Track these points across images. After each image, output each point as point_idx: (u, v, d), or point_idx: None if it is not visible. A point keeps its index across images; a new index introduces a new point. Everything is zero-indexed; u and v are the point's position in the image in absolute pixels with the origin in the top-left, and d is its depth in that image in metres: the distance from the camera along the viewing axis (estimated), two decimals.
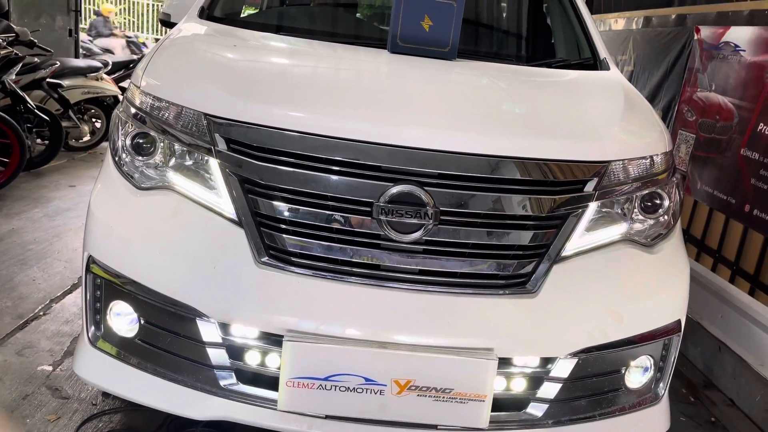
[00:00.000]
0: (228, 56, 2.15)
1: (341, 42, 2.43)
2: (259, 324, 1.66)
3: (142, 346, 1.78)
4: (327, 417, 1.67)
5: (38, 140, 5.24)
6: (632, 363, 1.86)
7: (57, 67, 5.45)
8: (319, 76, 2.09)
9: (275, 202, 1.68)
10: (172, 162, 1.79)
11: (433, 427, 1.68)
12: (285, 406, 1.64)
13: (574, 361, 1.74)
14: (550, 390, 1.75)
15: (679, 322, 1.87)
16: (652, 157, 1.89)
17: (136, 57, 7.25)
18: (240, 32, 2.44)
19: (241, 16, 2.98)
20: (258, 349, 1.69)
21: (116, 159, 1.86)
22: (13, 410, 2.22)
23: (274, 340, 1.65)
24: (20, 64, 4.95)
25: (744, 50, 3.10)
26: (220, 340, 1.69)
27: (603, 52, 2.64)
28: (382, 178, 1.66)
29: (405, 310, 1.65)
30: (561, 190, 1.75)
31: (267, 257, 1.67)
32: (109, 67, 6.28)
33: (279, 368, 1.63)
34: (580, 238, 1.77)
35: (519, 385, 1.74)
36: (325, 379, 1.61)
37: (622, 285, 1.81)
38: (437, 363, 1.61)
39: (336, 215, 1.66)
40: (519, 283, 1.71)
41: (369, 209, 1.66)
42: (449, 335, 1.64)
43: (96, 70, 6.00)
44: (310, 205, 1.67)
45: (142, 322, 1.77)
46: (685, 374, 3.02)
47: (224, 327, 1.68)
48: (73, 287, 3.21)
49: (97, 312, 1.82)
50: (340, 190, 1.66)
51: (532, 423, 1.75)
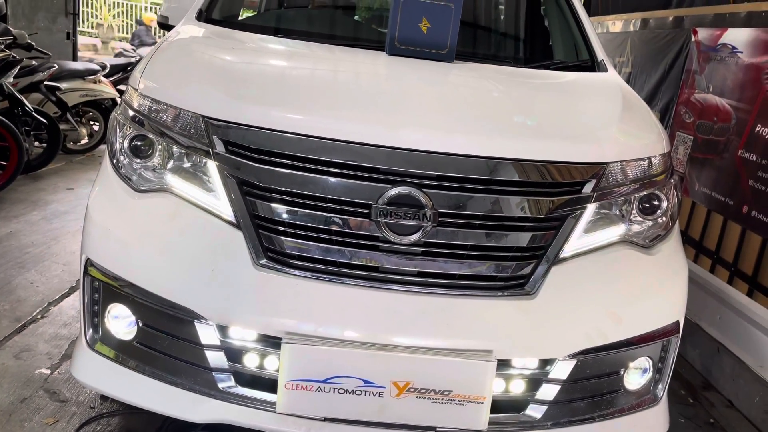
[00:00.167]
0: (226, 59, 2.15)
1: (339, 44, 2.44)
2: (257, 326, 1.65)
3: (141, 349, 1.77)
4: (326, 419, 1.67)
5: (36, 143, 5.23)
6: (631, 364, 1.86)
7: (55, 70, 5.45)
8: (317, 79, 2.09)
9: (273, 204, 1.67)
10: (170, 164, 1.79)
11: (432, 429, 1.68)
12: (284, 409, 1.64)
13: (573, 363, 1.74)
14: (549, 392, 1.75)
15: (678, 323, 1.88)
16: (650, 158, 1.89)
17: (133, 60, 7.23)
18: (238, 35, 2.44)
19: (239, 18, 2.98)
20: (256, 352, 1.69)
21: (114, 162, 1.86)
22: (11, 413, 2.22)
23: (272, 343, 1.65)
24: (18, 67, 4.95)
25: (741, 52, 3.10)
26: (219, 343, 1.69)
27: (601, 54, 2.64)
28: (381, 180, 1.66)
29: (404, 312, 1.65)
30: (559, 191, 1.75)
31: (265, 259, 1.67)
32: (107, 70, 6.27)
33: (277, 370, 1.63)
34: (579, 240, 1.77)
35: (518, 387, 1.74)
36: (324, 382, 1.61)
37: (620, 286, 1.81)
38: (436, 365, 1.61)
39: (334, 217, 1.66)
40: (517, 285, 1.71)
41: (367, 211, 1.66)
42: (448, 337, 1.64)
43: (94, 72, 6.00)
44: (309, 207, 1.67)
45: (140, 325, 1.77)
46: (683, 375, 3.02)
47: (222, 329, 1.68)
48: (71, 290, 3.21)
49: (95, 315, 1.82)
50: (338, 192, 1.66)
51: (531, 425, 1.75)
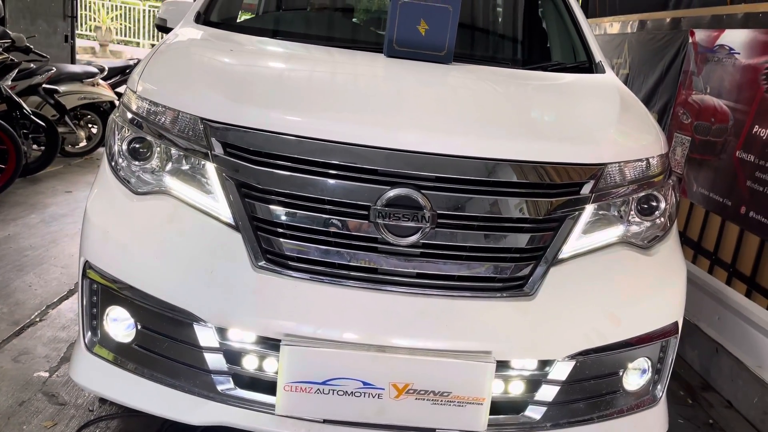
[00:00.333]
0: (224, 61, 2.15)
1: (338, 46, 2.44)
2: (256, 328, 1.65)
3: (139, 352, 1.77)
4: (325, 421, 1.67)
5: (34, 146, 5.23)
6: (630, 365, 1.86)
7: (53, 73, 5.45)
8: (315, 80, 2.09)
9: (272, 206, 1.67)
10: (169, 167, 1.79)
11: (432, 431, 1.68)
12: (283, 411, 1.64)
13: (572, 364, 1.74)
14: (548, 393, 1.75)
15: (677, 324, 1.88)
16: (648, 159, 1.89)
17: (132, 62, 7.23)
18: (236, 37, 2.44)
19: (238, 21, 2.98)
20: (255, 354, 1.69)
21: (113, 164, 1.86)
22: (10, 417, 2.21)
23: (271, 345, 1.65)
24: (16, 70, 4.95)
25: (738, 53, 3.11)
26: (218, 345, 1.68)
27: (598, 56, 2.65)
28: (379, 182, 1.66)
29: (403, 313, 1.65)
30: (558, 192, 1.75)
31: (264, 261, 1.67)
32: (105, 73, 6.27)
33: (276, 372, 1.63)
34: (577, 241, 1.77)
35: (517, 388, 1.74)
36: (323, 383, 1.61)
37: (619, 287, 1.81)
38: (435, 366, 1.61)
39: (333, 219, 1.66)
40: (516, 286, 1.71)
41: (366, 213, 1.66)
42: (447, 338, 1.64)
43: (92, 75, 6.00)
44: (307, 209, 1.67)
45: (139, 328, 1.77)
46: (682, 376, 3.02)
47: (221, 332, 1.68)
48: (70, 293, 3.20)
49: (93, 317, 1.82)
50: (337, 194, 1.66)
51: (531, 426, 1.75)
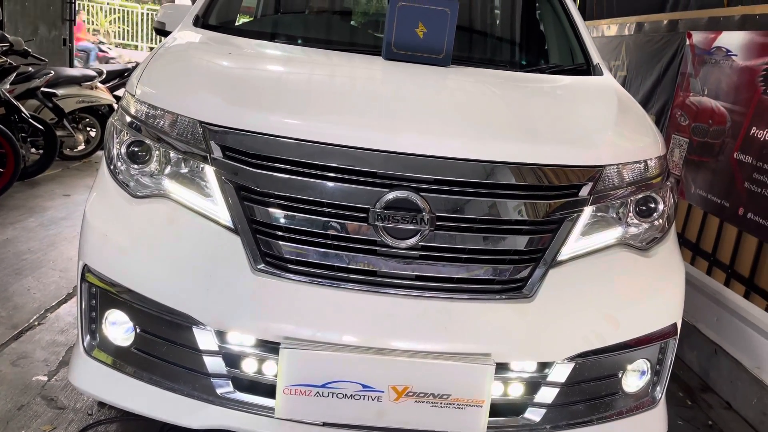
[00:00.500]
0: (223, 64, 2.15)
1: (336, 49, 2.44)
2: (255, 331, 1.65)
3: (138, 355, 1.77)
4: (324, 424, 1.67)
5: (33, 149, 5.23)
6: (629, 367, 1.86)
7: (51, 77, 5.45)
8: (314, 83, 2.09)
9: (271, 209, 1.68)
10: (168, 170, 1.79)
11: None
12: (282, 414, 1.64)
13: (571, 366, 1.74)
14: (547, 395, 1.75)
15: (675, 325, 1.88)
16: (646, 161, 1.90)
17: (130, 66, 7.24)
18: (235, 40, 2.45)
19: (236, 24, 2.98)
20: (255, 357, 1.68)
21: (111, 168, 1.86)
22: (9, 421, 2.21)
23: (270, 348, 1.65)
24: (14, 74, 4.95)
25: (736, 55, 3.12)
26: (217, 348, 1.68)
27: (596, 58, 2.66)
28: (378, 184, 1.66)
29: (402, 316, 1.65)
30: (556, 194, 1.75)
31: (263, 264, 1.67)
32: (104, 76, 6.27)
33: (276, 376, 1.63)
34: (576, 243, 1.78)
35: (516, 390, 1.74)
36: (323, 386, 1.61)
37: (617, 289, 1.81)
38: (434, 369, 1.61)
39: (332, 222, 1.67)
40: (515, 288, 1.72)
41: (365, 215, 1.66)
42: (446, 341, 1.64)
43: (90, 79, 6.00)
44: (306, 212, 1.67)
45: (138, 331, 1.77)
46: (681, 378, 3.02)
47: (221, 335, 1.68)
48: (68, 297, 3.20)
49: (92, 321, 1.82)
50: (336, 197, 1.66)
51: (530, 428, 1.75)
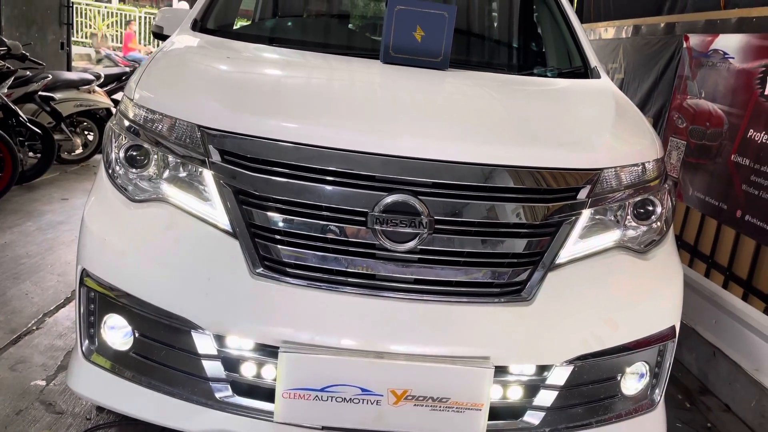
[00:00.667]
0: (221, 68, 2.16)
1: (334, 53, 2.45)
2: (254, 335, 1.65)
3: (137, 360, 1.77)
4: (323, 428, 1.67)
5: (30, 153, 5.22)
6: (628, 369, 1.86)
7: (49, 80, 5.44)
8: (312, 87, 2.09)
9: (270, 213, 1.68)
10: (166, 174, 1.79)
11: None
12: (281, 418, 1.64)
13: (570, 369, 1.74)
14: (546, 398, 1.75)
15: (674, 327, 1.88)
16: (643, 164, 1.90)
17: (128, 69, 7.23)
18: (233, 44, 2.45)
19: (234, 28, 2.99)
20: (254, 361, 1.68)
21: (110, 172, 1.86)
22: (7, 426, 2.20)
23: (269, 352, 1.65)
24: (12, 78, 4.95)
25: (733, 57, 3.13)
26: (216, 352, 1.68)
27: (594, 61, 2.66)
28: (377, 188, 1.67)
29: (400, 319, 1.65)
30: (554, 197, 1.76)
31: (262, 268, 1.67)
32: (102, 80, 6.27)
33: (275, 380, 1.63)
34: (574, 246, 1.78)
35: (515, 394, 1.74)
36: (322, 390, 1.61)
37: (616, 292, 1.82)
38: (433, 372, 1.61)
39: (331, 225, 1.67)
40: (514, 291, 1.72)
41: (364, 219, 1.66)
42: (445, 344, 1.64)
43: (88, 82, 5.99)
44: (305, 216, 1.67)
45: (137, 335, 1.76)
46: (680, 380, 3.02)
47: (219, 339, 1.68)
48: (66, 301, 3.20)
49: (91, 325, 1.81)
50: (334, 200, 1.66)
51: (529, 431, 1.75)
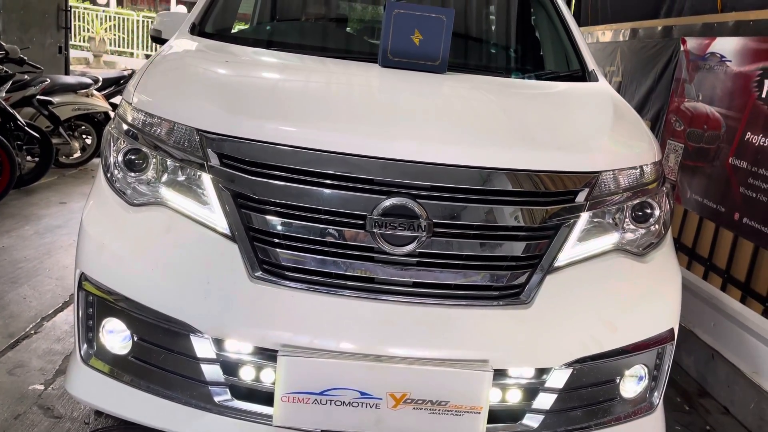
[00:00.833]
0: (220, 72, 2.16)
1: (332, 56, 2.45)
2: (253, 339, 1.65)
3: (136, 363, 1.76)
4: None
5: (28, 157, 5.22)
6: (627, 372, 1.86)
7: (47, 84, 5.44)
8: (310, 91, 2.10)
9: (268, 217, 1.68)
10: (165, 178, 1.79)
11: None
12: (280, 422, 1.64)
13: (569, 372, 1.74)
14: (545, 401, 1.75)
15: (672, 330, 1.88)
16: (641, 167, 1.91)
17: (126, 73, 7.23)
18: (231, 48, 2.45)
19: (232, 32, 2.99)
20: (252, 365, 1.68)
21: (108, 175, 1.86)
22: (5, 430, 2.20)
23: (268, 355, 1.65)
24: (10, 82, 4.94)
25: (730, 60, 3.14)
26: (215, 356, 1.68)
27: (591, 64, 2.67)
28: (375, 191, 1.67)
29: (399, 322, 1.65)
30: (552, 200, 1.76)
31: (261, 272, 1.67)
32: (100, 84, 6.26)
33: (274, 383, 1.63)
34: (573, 249, 1.78)
35: (514, 397, 1.74)
36: (321, 394, 1.60)
37: (614, 294, 1.82)
38: (432, 375, 1.61)
39: (329, 229, 1.67)
40: (513, 294, 1.72)
41: (362, 222, 1.66)
42: (444, 347, 1.64)
43: (86, 86, 5.99)
44: (304, 219, 1.67)
45: (135, 339, 1.76)
46: (679, 383, 3.02)
47: (218, 342, 1.67)
48: (65, 305, 3.19)
49: (89, 329, 1.81)
50: (333, 204, 1.66)
51: None
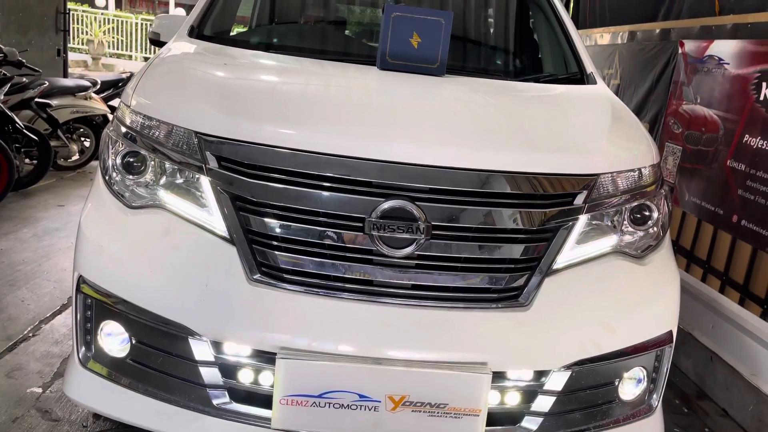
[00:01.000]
0: (218, 74, 2.16)
1: (331, 59, 2.45)
2: (251, 342, 1.65)
3: (134, 366, 1.76)
4: None
5: (27, 160, 5.21)
6: (625, 375, 1.86)
7: (45, 87, 5.44)
8: (309, 93, 2.10)
9: (267, 219, 1.68)
10: (163, 180, 1.79)
11: None
12: (279, 425, 1.63)
13: (568, 374, 1.74)
14: (544, 403, 1.75)
15: (671, 332, 1.88)
16: (640, 169, 1.91)
17: (124, 76, 7.23)
18: (230, 50, 2.45)
19: (231, 34, 2.99)
20: (251, 367, 1.68)
21: (106, 178, 1.86)
22: None
23: (267, 358, 1.65)
24: (8, 85, 4.95)
25: (728, 63, 3.15)
26: (213, 359, 1.68)
27: (589, 67, 2.67)
28: (374, 194, 1.67)
29: (398, 325, 1.64)
30: (551, 203, 1.76)
31: (259, 274, 1.66)
32: (98, 86, 6.27)
33: (272, 386, 1.62)
34: (571, 251, 1.78)
35: (513, 399, 1.74)
36: (319, 396, 1.60)
37: (613, 297, 1.82)
38: (431, 378, 1.61)
39: (328, 231, 1.67)
40: (511, 297, 1.72)
41: (361, 225, 1.66)
42: (443, 350, 1.64)
43: (85, 89, 5.99)
44: (302, 222, 1.67)
45: (134, 342, 1.76)
46: (678, 385, 3.02)
47: (217, 345, 1.67)
48: (63, 307, 3.18)
49: (87, 332, 1.81)
50: (331, 206, 1.66)
51: None
